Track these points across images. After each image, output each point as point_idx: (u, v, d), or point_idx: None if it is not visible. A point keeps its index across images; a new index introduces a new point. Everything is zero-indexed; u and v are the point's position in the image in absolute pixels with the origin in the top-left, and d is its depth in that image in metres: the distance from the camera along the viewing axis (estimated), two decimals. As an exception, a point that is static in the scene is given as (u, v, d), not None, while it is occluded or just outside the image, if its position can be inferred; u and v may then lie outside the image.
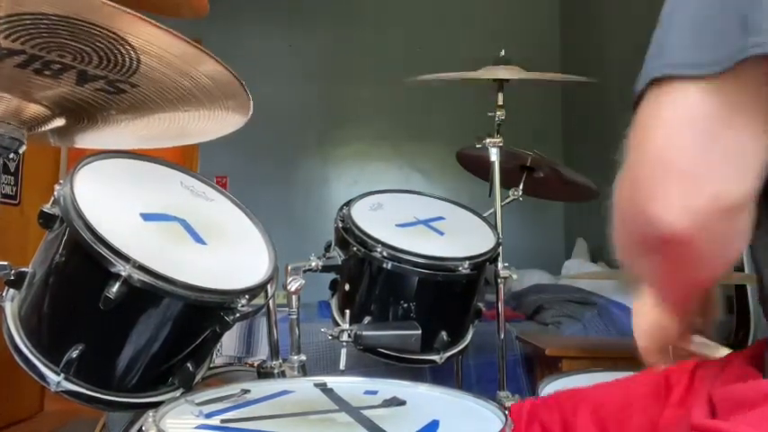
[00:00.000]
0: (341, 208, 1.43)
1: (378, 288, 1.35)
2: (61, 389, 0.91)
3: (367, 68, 4.60)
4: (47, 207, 0.95)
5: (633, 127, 0.50)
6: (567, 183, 1.95)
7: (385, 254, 1.29)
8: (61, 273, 0.94)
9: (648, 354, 0.75)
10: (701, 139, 0.46)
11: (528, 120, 3.75)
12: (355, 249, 1.33)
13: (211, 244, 1.04)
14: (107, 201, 0.99)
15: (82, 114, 0.98)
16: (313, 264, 1.36)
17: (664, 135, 0.47)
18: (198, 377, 1.01)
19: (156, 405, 0.82)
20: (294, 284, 1.26)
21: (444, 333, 1.34)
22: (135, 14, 0.72)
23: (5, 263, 0.96)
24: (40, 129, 0.98)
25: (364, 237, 1.32)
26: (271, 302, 1.19)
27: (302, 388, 0.96)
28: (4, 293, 0.98)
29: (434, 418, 0.79)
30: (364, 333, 1.25)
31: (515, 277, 1.63)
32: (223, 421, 0.77)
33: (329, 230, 1.43)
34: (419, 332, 1.22)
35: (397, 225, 1.43)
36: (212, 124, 1.01)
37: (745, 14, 0.44)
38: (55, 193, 0.95)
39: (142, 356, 0.94)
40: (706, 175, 0.46)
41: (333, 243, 1.41)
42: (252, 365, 1.26)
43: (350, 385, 0.96)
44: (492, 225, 1.56)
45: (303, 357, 1.22)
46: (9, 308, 0.96)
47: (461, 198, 1.64)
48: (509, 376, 1.64)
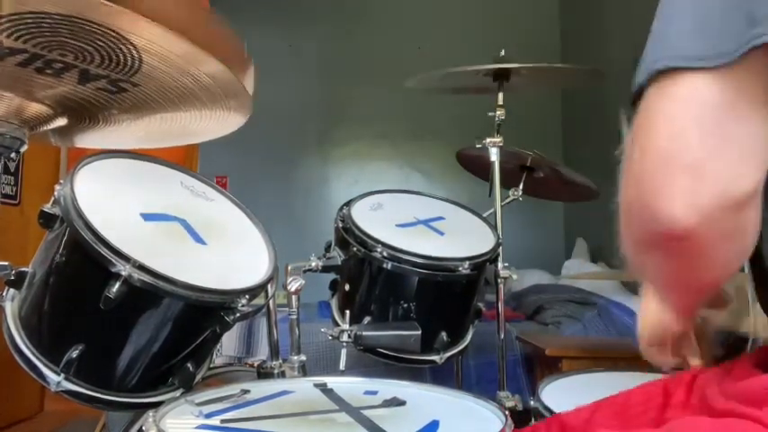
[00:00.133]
0: (341, 208, 1.43)
1: (378, 288, 1.35)
2: (61, 389, 0.91)
3: (367, 68, 4.60)
4: (47, 207, 0.95)
5: (636, 120, 0.49)
6: (567, 183, 1.95)
7: (385, 254, 1.29)
8: (61, 273, 0.94)
9: (649, 351, 0.74)
10: (708, 133, 0.45)
11: (528, 120, 3.74)
12: (355, 249, 1.33)
13: (211, 244, 1.04)
14: (107, 201, 0.99)
15: (83, 114, 0.99)
16: (313, 264, 1.36)
17: (669, 128, 0.47)
18: (198, 377, 1.01)
19: (156, 405, 0.82)
20: (294, 284, 1.26)
21: (444, 333, 1.34)
22: (136, 14, 0.72)
23: (6, 263, 0.96)
24: (42, 128, 0.98)
25: (364, 237, 1.32)
26: (271, 302, 1.19)
27: (302, 388, 0.96)
28: (5, 293, 0.98)
29: (434, 418, 0.79)
30: (364, 333, 1.25)
31: (515, 277, 1.63)
32: (223, 421, 0.77)
33: (329, 230, 1.43)
34: (419, 332, 1.22)
35: (397, 225, 1.43)
36: (213, 124, 1.01)
37: (750, 8, 0.44)
38: (55, 193, 0.95)
39: (142, 356, 0.94)
40: (712, 169, 0.45)
41: (333, 243, 1.41)
42: (252, 365, 1.26)
43: (350, 385, 0.96)
44: (492, 225, 1.56)
45: (303, 357, 1.22)
46: (9, 308, 0.97)
47: (461, 198, 1.63)
48: (509, 376, 1.64)
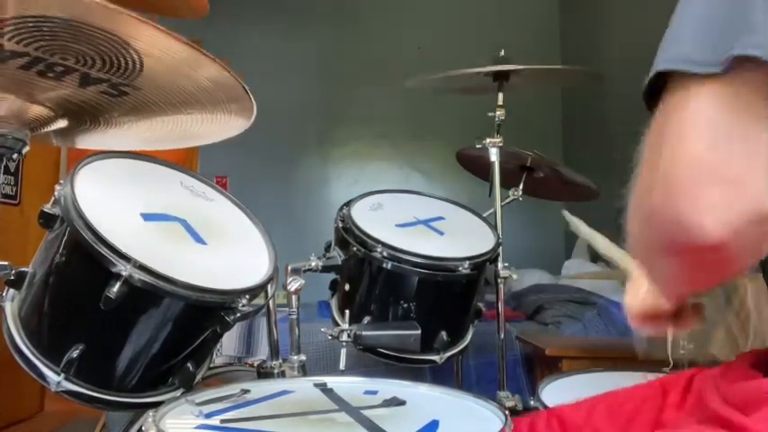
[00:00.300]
0: (341, 208, 1.43)
1: (378, 288, 1.35)
2: (61, 389, 0.91)
3: (367, 68, 4.60)
4: (47, 207, 0.95)
5: (658, 127, 0.48)
6: (567, 183, 1.95)
7: (385, 254, 1.29)
8: (62, 273, 0.94)
9: (637, 321, 0.74)
10: (743, 145, 0.44)
11: (528, 120, 3.74)
12: (355, 249, 1.33)
13: (212, 244, 1.04)
14: (107, 201, 0.99)
15: (84, 116, 0.99)
16: (313, 264, 1.36)
17: (703, 138, 0.45)
18: (198, 377, 1.01)
19: (156, 405, 0.82)
20: (294, 284, 1.26)
21: (444, 333, 1.34)
22: (138, 18, 0.72)
23: (6, 263, 0.96)
24: (43, 130, 0.98)
25: (364, 237, 1.32)
26: (271, 302, 1.19)
27: (302, 388, 0.96)
28: (5, 293, 0.98)
29: (434, 418, 0.80)
30: (364, 333, 1.25)
31: (515, 277, 1.63)
32: (223, 421, 0.77)
33: (329, 230, 1.43)
34: (419, 332, 1.22)
35: (397, 225, 1.43)
36: (215, 127, 1.01)
37: (745, 14, 0.43)
38: (55, 193, 0.95)
39: (142, 356, 0.94)
40: (749, 183, 0.45)
41: (333, 243, 1.41)
42: (252, 365, 1.26)
43: (350, 385, 0.96)
44: (492, 225, 1.56)
45: (303, 357, 1.22)
46: (9, 308, 0.97)
47: (461, 198, 1.64)
48: (509, 376, 1.64)
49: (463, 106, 3.13)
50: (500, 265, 1.58)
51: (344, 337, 1.26)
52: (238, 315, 0.96)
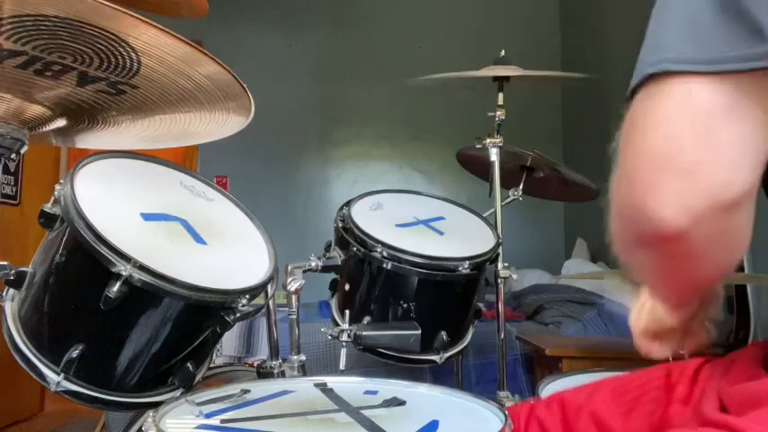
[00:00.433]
0: (341, 208, 1.43)
1: (377, 288, 1.35)
2: (61, 389, 0.91)
3: (367, 68, 4.60)
4: (47, 207, 0.95)
5: (628, 121, 0.49)
6: (567, 183, 1.95)
7: (385, 254, 1.29)
8: (61, 272, 0.94)
9: (642, 341, 0.75)
10: (702, 135, 0.45)
11: (528, 120, 3.74)
12: (355, 249, 1.33)
13: (212, 244, 1.04)
14: (107, 200, 0.99)
15: (83, 115, 0.99)
16: (313, 264, 1.36)
17: (663, 131, 0.47)
18: (198, 377, 1.01)
19: (156, 405, 0.82)
20: (294, 284, 1.27)
21: (444, 333, 1.34)
22: (136, 16, 0.72)
23: (6, 263, 0.96)
24: (42, 129, 0.98)
25: (364, 237, 1.32)
26: (271, 302, 1.19)
27: (302, 388, 0.96)
28: (5, 293, 0.98)
29: (434, 418, 0.79)
30: (364, 333, 1.25)
31: (515, 277, 1.63)
32: (223, 421, 0.77)
33: (329, 230, 1.43)
34: (419, 332, 1.22)
35: (397, 225, 1.43)
36: (214, 126, 1.01)
37: (756, 18, 0.43)
38: (55, 193, 0.95)
39: (142, 356, 0.94)
40: (706, 173, 0.46)
41: (333, 243, 1.41)
42: (252, 365, 1.26)
43: (350, 385, 0.96)
44: (492, 225, 1.56)
45: (303, 357, 1.22)
46: (9, 308, 0.97)
47: (461, 198, 1.64)
48: (509, 376, 1.64)
49: (463, 106, 3.13)
50: (500, 265, 1.58)
51: (344, 337, 1.26)
52: (238, 315, 0.96)
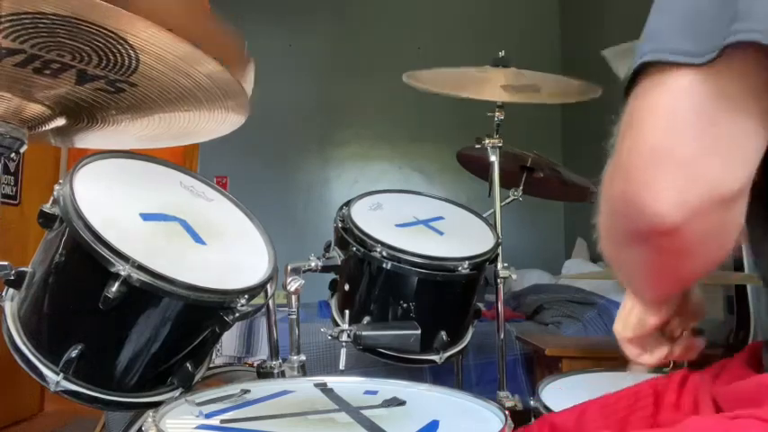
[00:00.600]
0: (340, 208, 1.43)
1: (377, 288, 1.35)
2: (61, 389, 0.91)
3: (367, 68, 4.60)
4: (47, 207, 0.95)
5: (625, 114, 0.49)
6: (567, 183, 1.95)
7: (384, 254, 1.29)
8: (61, 272, 0.94)
9: (628, 347, 0.74)
10: (698, 129, 0.45)
11: (528, 120, 3.74)
12: (355, 249, 1.33)
13: (211, 244, 1.04)
14: (107, 200, 0.99)
15: (82, 114, 0.99)
16: (313, 264, 1.36)
17: (659, 123, 0.46)
18: (197, 377, 1.01)
19: (156, 405, 0.82)
20: (294, 284, 1.26)
21: (444, 333, 1.34)
22: (134, 14, 0.72)
23: (6, 263, 0.96)
24: (41, 128, 0.98)
25: (364, 237, 1.32)
26: (270, 302, 1.19)
27: (302, 388, 0.96)
28: (4, 293, 0.98)
29: (434, 418, 0.79)
30: (364, 333, 1.25)
31: (515, 277, 1.63)
32: (223, 421, 0.77)
33: (329, 230, 1.43)
34: (418, 332, 1.22)
35: (397, 225, 1.43)
36: (212, 124, 1.01)
37: (735, 3, 0.43)
38: (54, 193, 0.95)
39: (142, 356, 0.94)
40: (702, 165, 0.45)
41: (332, 243, 1.41)
42: (252, 365, 1.26)
43: (350, 385, 0.96)
44: (491, 225, 1.56)
45: (303, 357, 1.22)
46: (9, 308, 0.97)
47: (461, 198, 1.63)
48: (509, 376, 1.64)
49: (463, 106, 3.13)
50: (500, 265, 1.58)
51: (344, 337, 1.26)
52: (237, 315, 0.96)
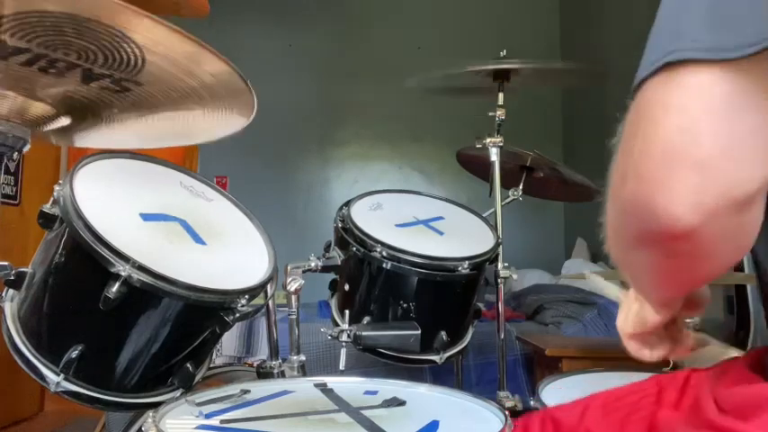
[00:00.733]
0: (340, 208, 1.43)
1: (377, 288, 1.35)
2: (61, 389, 0.91)
3: (367, 68, 4.60)
4: (47, 207, 0.95)
5: (635, 112, 0.47)
6: (567, 183, 1.95)
7: (384, 254, 1.29)
8: (61, 273, 0.94)
9: (630, 344, 0.73)
10: (719, 129, 0.43)
11: (528, 120, 3.75)
12: (355, 249, 1.33)
13: (211, 244, 1.04)
14: (107, 201, 0.99)
15: (86, 113, 0.98)
16: (313, 264, 1.36)
17: (677, 122, 0.44)
18: (198, 377, 1.01)
19: (156, 405, 0.82)
20: (294, 284, 1.26)
21: (444, 333, 1.34)
22: (140, 12, 0.72)
23: (6, 263, 0.96)
24: (45, 127, 0.98)
25: (364, 237, 1.32)
26: (270, 302, 1.19)
27: (302, 388, 0.96)
28: (4, 293, 0.98)
29: (434, 419, 0.79)
30: (364, 333, 1.25)
31: (515, 277, 1.63)
32: (223, 421, 0.77)
33: (329, 230, 1.43)
34: (418, 332, 1.22)
35: (397, 225, 1.43)
36: (216, 124, 1.00)
37: None
38: (55, 193, 0.95)
39: (142, 357, 0.94)
40: (722, 168, 0.43)
41: (332, 243, 1.41)
42: (252, 365, 1.26)
43: (350, 385, 0.96)
44: (491, 225, 1.56)
45: (303, 357, 1.22)
46: (9, 308, 0.97)
47: (461, 198, 1.64)
48: (509, 376, 1.64)
49: (463, 106, 3.13)
50: (500, 265, 1.58)
51: (344, 337, 1.26)
52: (237, 315, 0.96)
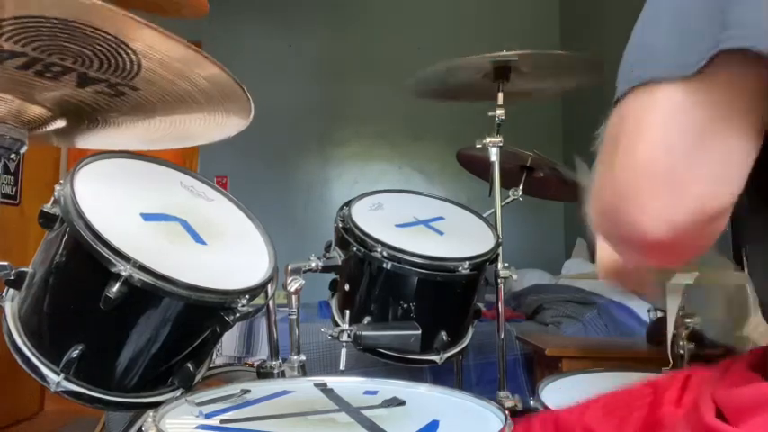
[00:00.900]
0: (341, 208, 1.43)
1: (377, 288, 1.35)
2: (61, 389, 0.91)
3: (367, 68, 4.60)
4: (47, 207, 0.95)
5: (617, 123, 0.49)
6: (567, 183, 1.95)
7: (385, 254, 1.29)
8: (61, 273, 0.94)
9: (608, 279, 0.79)
10: (686, 146, 0.45)
11: (528, 120, 3.74)
12: (355, 249, 1.33)
13: (211, 244, 1.04)
14: (107, 201, 0.99)
15: (83, 116, 0.99)
16: (313, 264, 1.36)
17: (647, 139, 0.46)
18: (198, 377, 1.01)
19: (156, 405, 0.82)
20: (294, 284, 1.27)
21: (444, 333, 1.34)
22: (135, 18, 0.72)
23: (6, 263, 0.97)
24: (42, 130, 0.99)
25: (364, 237, 1.32)
26: (271, 302, 1.19)
27: (302, 388, 0.96)
28: (5, 293, 0.98)
29: (434, 418, 0.80)
30: (364, 333, 1.25)
31: (515, 277, 1.63)
32: (223, 421, 0.77)
33: (329, 230, 1.43)
34: (419, 332, 1.22)
35: (397, 225, 1.43)
36: (213, 127, 1.01)
37: (722, 10, 0.43)
38: (55, 193, 0.95)
39: (142, 356, 0.94)
40: (693, 186, 0.46)
41: (333, 243, 1.41)
42: (252, 365, 1.26)
43: (350, 385, 0.96)
44: (492, 225, 1.56)
45: (303, 357, 1.22)
46: (9, 308, 0.97)
47: (461, 198, 1.64)
48: (509, 376, 1.64)
49: (463, 106, 3.13)
50: (500, 265, 1.58)
51: (344, 337, 1.26)
52: (238, 315, 0.96)
